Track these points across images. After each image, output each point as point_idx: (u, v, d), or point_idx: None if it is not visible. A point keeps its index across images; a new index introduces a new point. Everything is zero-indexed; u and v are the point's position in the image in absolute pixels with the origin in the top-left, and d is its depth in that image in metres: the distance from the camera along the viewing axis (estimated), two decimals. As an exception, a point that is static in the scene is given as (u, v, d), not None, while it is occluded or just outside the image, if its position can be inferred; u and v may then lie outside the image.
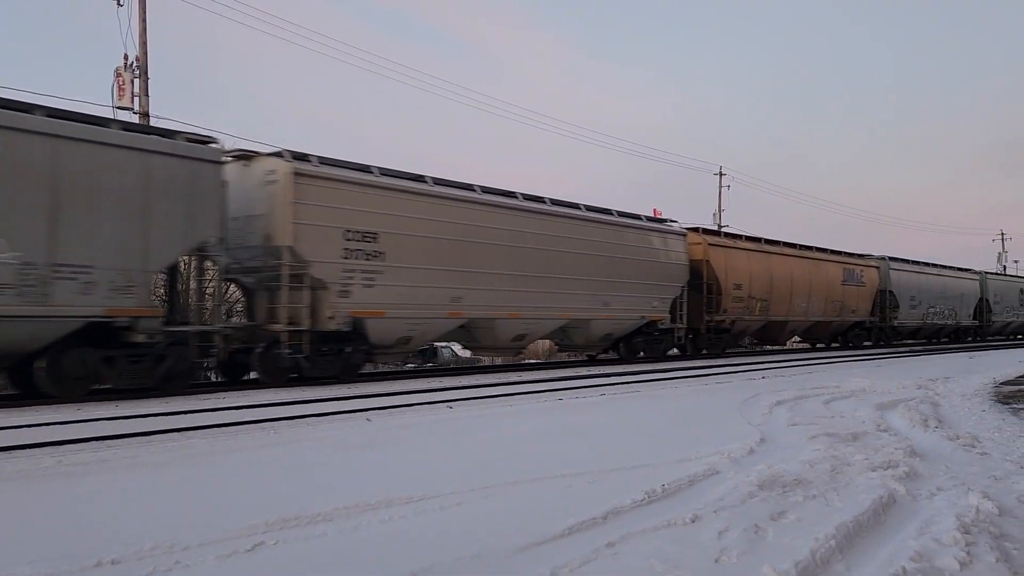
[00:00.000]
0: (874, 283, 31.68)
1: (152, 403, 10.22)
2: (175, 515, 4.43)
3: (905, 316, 33.65)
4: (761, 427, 8.12)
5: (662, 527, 4.23)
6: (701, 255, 22.72)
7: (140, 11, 19.72)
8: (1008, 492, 5.35)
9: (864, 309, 31.32)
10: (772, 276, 25.59)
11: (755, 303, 24.83)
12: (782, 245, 27.20)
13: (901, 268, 34.07)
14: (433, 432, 7.76)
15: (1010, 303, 44.07)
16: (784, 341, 30.38)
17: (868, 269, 31.62)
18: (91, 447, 6.79)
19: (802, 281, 27.12)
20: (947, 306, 36.88)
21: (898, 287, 33.08)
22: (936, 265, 37.32)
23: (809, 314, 27.77)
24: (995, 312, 41.93)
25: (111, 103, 19.01)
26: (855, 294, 30.47)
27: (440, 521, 4.39)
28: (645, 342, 21.16)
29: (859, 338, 32.19)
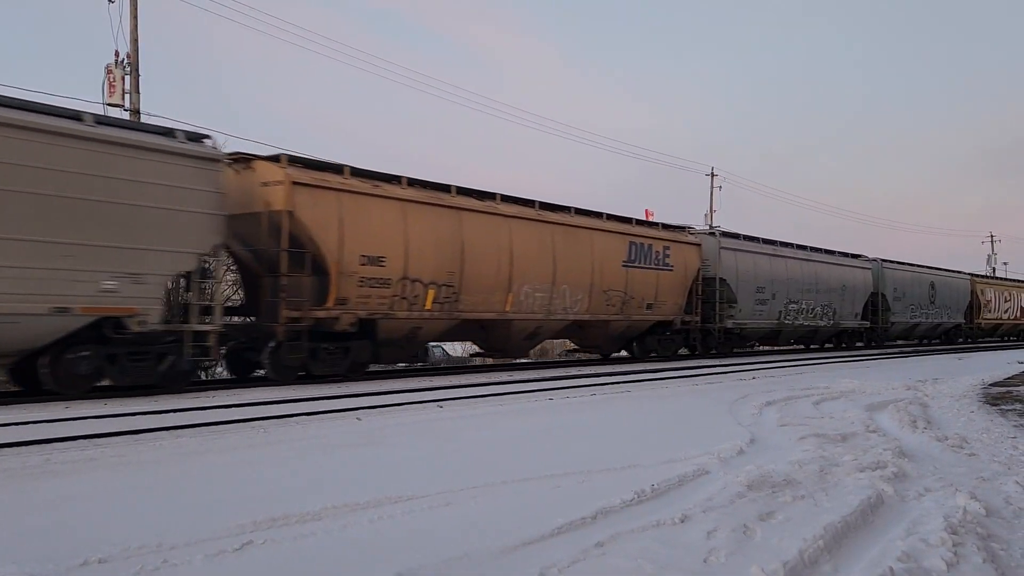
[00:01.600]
0: (690, 268, 21.74)
1: (141, 402, 10.17)
2: (163, 514, 4.41)
3: (747, 315, 23.88)
4: (751, 428, 8.14)
5: (651, 527, 4.23)
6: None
7: (131, 8, 19.62)
8: (996, 493, 5.38)
9: (672, 304, 21.01)
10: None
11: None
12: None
13: (739, 247, 24.14)
14: (423, 432, 7.75)
15: (915, 300, 34.16)
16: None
17: (680, 248, 21.35)
18: (79, 446, 6.75)
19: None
20: (819, 302, 27.49)
21: (734, 274, 23.53)
22: (799, 247, 27.69)
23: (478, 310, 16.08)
24: (894, 311, 32.37)
25: (101, 100, 18.93)
26: (653, 283, 20.21)
27: (429, 521, 4.38)
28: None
29: (664, 346, 21.60)
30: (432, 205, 14.76)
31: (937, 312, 36.12)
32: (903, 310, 33.21)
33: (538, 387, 12.77)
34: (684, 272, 21.52)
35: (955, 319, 38.30)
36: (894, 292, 32.36)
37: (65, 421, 8.24)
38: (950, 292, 37.49)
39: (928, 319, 35.34)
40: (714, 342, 23.12)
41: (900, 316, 32.96)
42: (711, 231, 24.36)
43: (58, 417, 8.51)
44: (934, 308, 35.76)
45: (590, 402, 10.70)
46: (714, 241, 23.46)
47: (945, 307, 36.92)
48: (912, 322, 34.22)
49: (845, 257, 30.27)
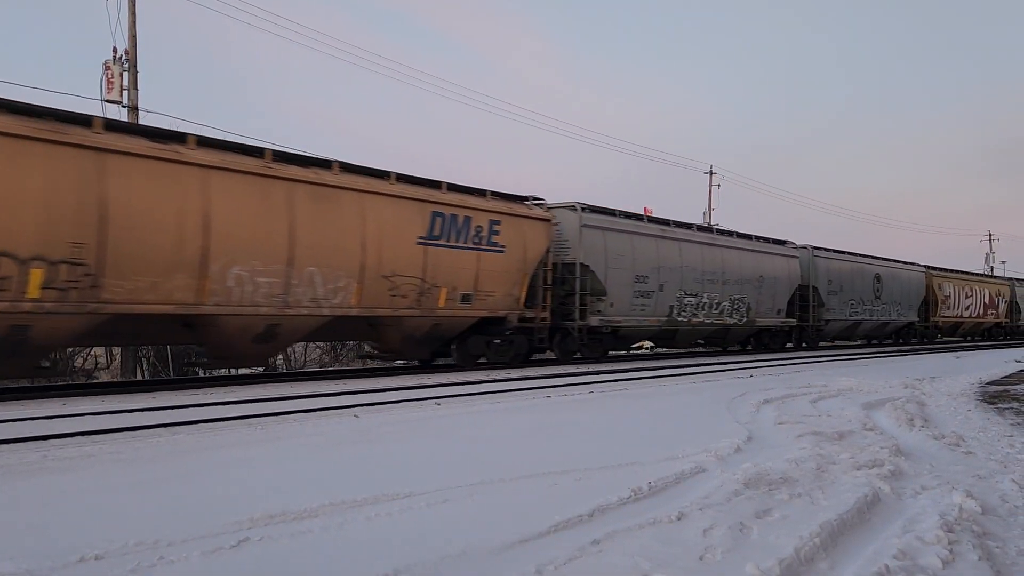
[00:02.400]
0: (532, 249, 16.66)
1: (138, 398, 10.18)
2: (159, 511, 4.41)
3: (621, 310, 19.11)
4: (748, 425, 8.15)
5: (648, 525, 4.24)
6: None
7: (130, 4, 19.60)
8: (992, 491, 5.39)
9: (503, 296, 16.09)
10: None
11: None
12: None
13: (609, 226, 19.06)
14: (421, 429, 7.75)
15: (856, 294, 29.87)
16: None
17: (517, 225, 16.30)
18: (76, 442, 6.74)
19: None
20: (728, 296, 22.81)
21: (602, 259, 18.63)
22: (701, 229, 23.17)
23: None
24: (830, 307, 28.06)
25: (99, 96, 18.92)
26: (472, 267, 15.36)
27: (426, 518, 4.39)
28: None
29: (499, 350, 16.68)
30: (46, 143, 9.74)
31: (884, 309, 31.98)
32: (840, 306, 28.87)
33: (536, 385, 12.77)
34: (523, 255, 16.35)
35: (907, 317, 34.07)
36: (829, 285, 28.06)
37: (63, 418, 8.23)
38: (900, 286, 33.27)
39: (873, 316, 31.10)
40: (574, 344, 18.36)
41: (837, 313, 28.58)
42: (571, 205, 18.54)
43: (56, 414, 8.51)
44: (880, 304, 31.64)
45: (588, 400, 10.70)
46: (573, 217, 18.33)
47: (894, 303, 32.75)
48: (852, 320, 29.77)
49: (764, 243, 25.25)
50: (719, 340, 25.19)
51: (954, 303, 38.48)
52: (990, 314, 42.68)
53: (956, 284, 38.94)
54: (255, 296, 11.94)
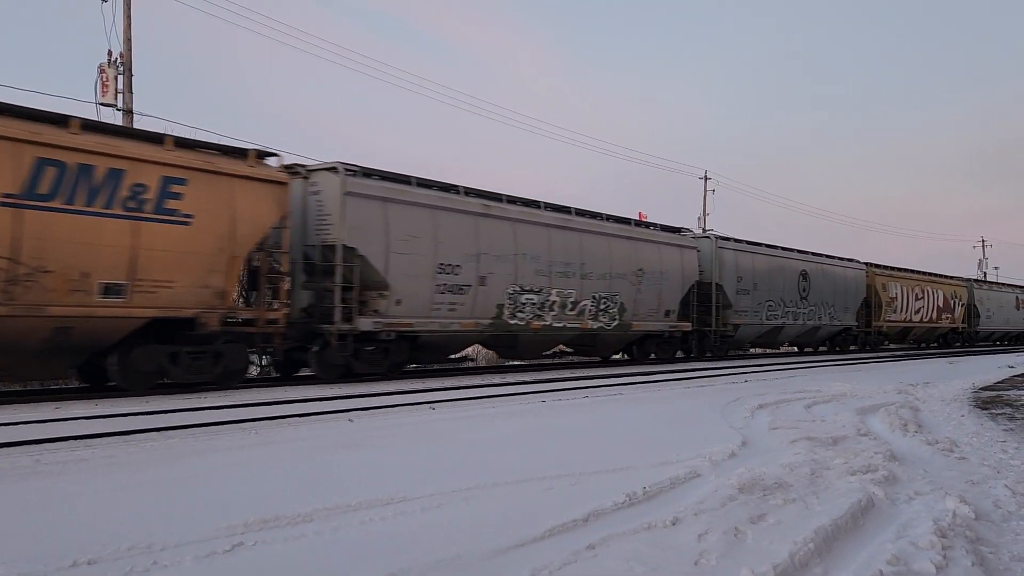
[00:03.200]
0: (246, 224, 12.16)
1: (132, 402, 10.14)
2: (153, 515, 4.39)
3: (415, 307, 14.61)
4: (743, 430, 8.16)
5: (642, 530, 4.24)
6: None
7: (125, 7, 19.59)
8: (985, 496, 5.41)
9: (191, 288, 11.58)
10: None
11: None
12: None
13: (392, 196, 14.37)
14: (415, 433, 7.74)
15: (775, 294, 25.55)
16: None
17: (216, 186, 11.68)
18: (69, 446, 6.72)
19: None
20: (592, 293, 18.62)
21: (380, 241, 14.12)
22: (552, 207, 18.11)
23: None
24: (739, 308, 23.79)
25: (95, 99, 18.90)
26: (116, 245, 10.67)
27: (421, 522, 4.38)
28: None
29: (201, 365, 11.95)
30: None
31: (814, 312, 27.85)
32: (754, 308, 24.51)
33: (531, 389, 12.77)
34: (229, 230, 11.86)
35: (842, 321, 29.89)
36: (738, 283, 23.75)
37: (56, 421, 8.20)
38: (834, 285, 29.19)
39: (798, 321, 26.93)
40: (335, 355, 13.76)
41: (750, 316, 24.25)
42: (332, 165, 13.89)
43: (48, 417, 8.47)
44: (808, 306, 27.45)
45: (583, 404, 10.70)
46: (334, 182, 13.62)
47: (825, 305, 28.58)
48: (771, 324, 25.53)
49: (647, 229, 20.85)
50: (583, 346, 21.10)
51: (902, 305, 33.78)
52: (944, 318, 38.34)
53: (904, 284, 34.36)
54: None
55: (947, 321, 38.73)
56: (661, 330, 21.49)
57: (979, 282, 44.09)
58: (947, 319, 38.72)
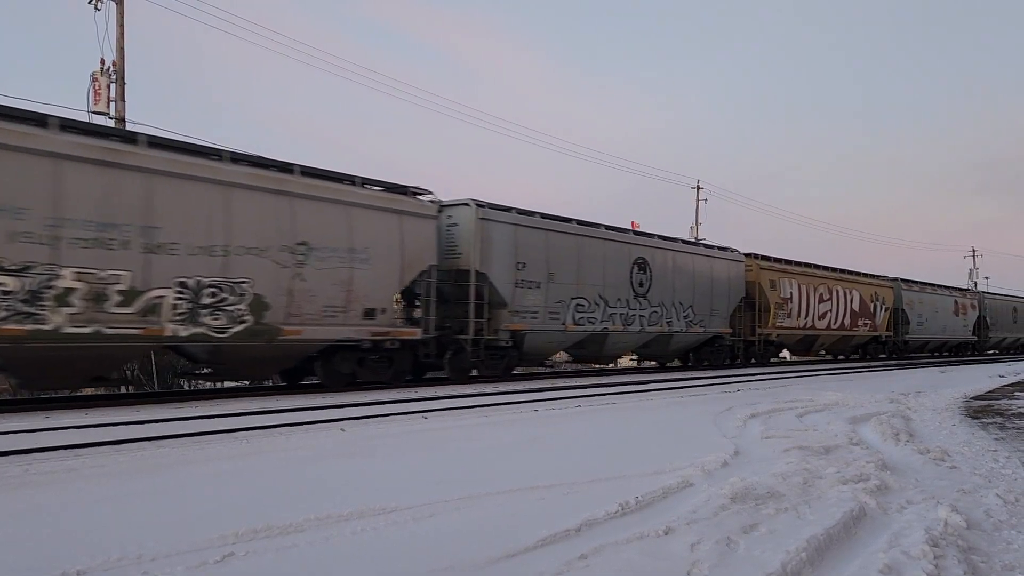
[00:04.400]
0: None
1: (123, 411, 10.09)
2: (143, 525, 4.36)
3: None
4: (735, 440, 8.16)
5: (635, 539, 4.23)
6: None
7: (118, 15, 19.59)
8: (976, 506, 5.42)
9: None
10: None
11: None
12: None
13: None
14: (407, 442, 7.72)
15: (596, 289, 19.11)
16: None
17: None
18: (59, 456, 6.68)
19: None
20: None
21: None
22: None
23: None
24: (520, 308, 17.09)
25: (87, 107, 18.87)
26: None
27: (412, 532, 4.36)
28: None
29: None
30: None
31: (657, 315, 20.81)
32: (548, 307, 17.63)
33: (524, 398, 12.76)
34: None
35: (707, 327, 22.94)
36: (519, 271, 16.81)
37: (46, 431, 8.15)
38: (693, 281, 22.33)
39: (631, 326, 19.84)
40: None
41: (541, 320, 17.36)
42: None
43: (39, 427, 8.42)
44: (649, 307, 20.52)
45: (576, 413, 10.69)
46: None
47: (678, 306, 21.67)
48: (580, 331, 18.40)
49: (343, 186, 13.82)
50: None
51: (799, 308, 27.19)
52: (862, 325, 31.64)
53: (803, 282, 27.62)
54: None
55: (866, 328, 31.99)
56: (347, 338, 15.34)
57: (908, 282, 36.50)
58: (865, 326, 31.90)
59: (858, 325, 31.37)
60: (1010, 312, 48.71)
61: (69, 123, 10.86)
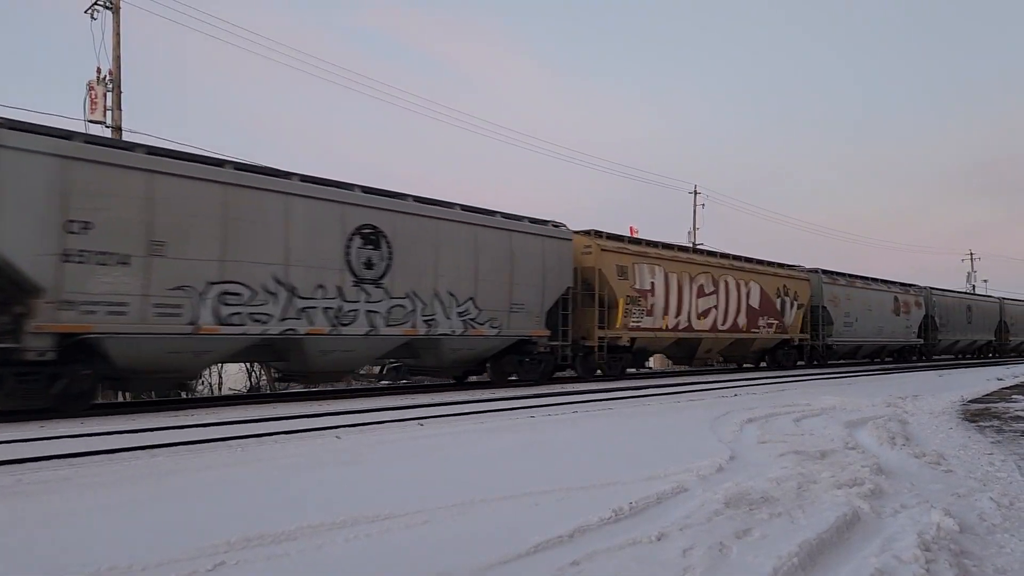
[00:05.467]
0: None
1: (118, 420, 10.07)
2: (135, 534, 4.36)
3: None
4: (731, 444, 8.15)
5: (627, 545, 4.23)
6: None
7: (114, 24, 19.64)
8: (970, 509, 5.41)
9: None
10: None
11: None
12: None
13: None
14: (402, 449, 7.71)
15: (322, 276, 13.33)
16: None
17: None
18: (52, 465, 6.67)
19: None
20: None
21: None
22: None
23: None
24: None
25: (83, 116, 18.90)
26: None
27: (406, 539, 4.36)
28: None
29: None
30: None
31: (403, 310, 14.81)
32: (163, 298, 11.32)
33: (520, 404, 12.75)
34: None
35: (507, 329, 17.13)
36: (73, 239, 10.34)
37: (40, 440, 8.14)
38: (475, 265, 16.36)
39: (344, 324, 13.70)
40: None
41: (133, 315, 10.94)
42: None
43: (33, 436, 8.41)
44: (382, 297, 14.43)
45: (571, 419, 10.68)
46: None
47: (445, 299, 15.69)
48: (238, 336, 12.31)
49: None
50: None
51: (666, 304, 21.46)
52: (766, 325, 25.93)
53: (672, 270, 21.80)
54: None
55: (770, 330, 26.23)
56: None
57: (832, 274, 30.81)
58: (770, 327, 26.17)
59: (759, 326, 25.66)
60: (963, 311, 42.49)
61: None
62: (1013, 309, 49.27)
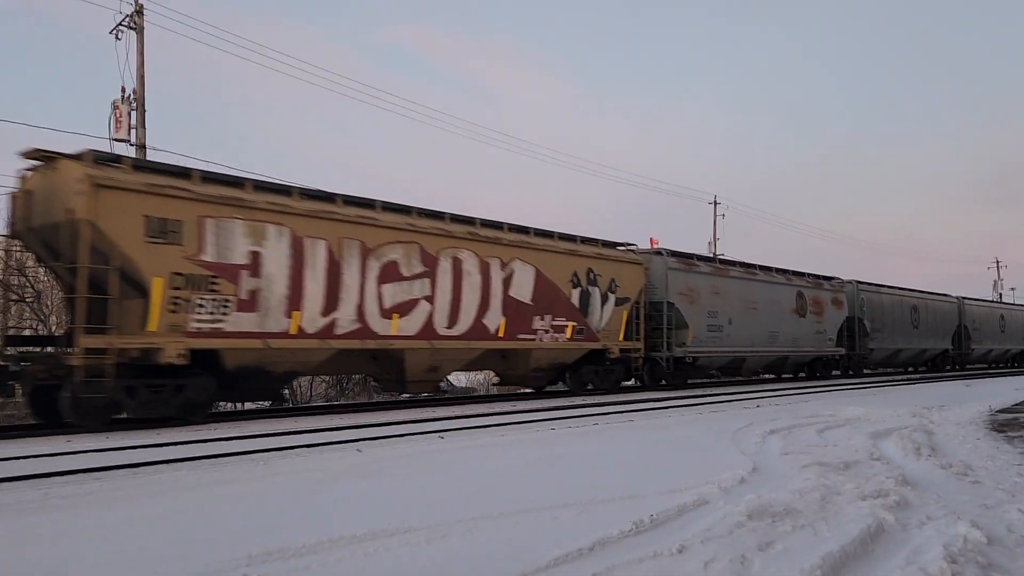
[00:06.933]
0: None
1: (142, 435, 10.17)
2: (158, 548, 4.39)
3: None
4: (754, 456, 8.08)
5: (648, 558, 4.20)
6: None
7: (138, 44, 19.95)
8: (998, 521, 5.32)
9: None
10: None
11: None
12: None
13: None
14: (423, 463, 7.71)
15: None
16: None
17: None
18: (77, 479, 6.74)
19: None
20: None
21: None
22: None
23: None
24: None
25: (108, 135, 19.18)
26: None
27: (425, 553, 4.35)
28: None
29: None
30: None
31: None
32: None
33: (541, 417, 12.72)
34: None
35: None
36: None
37: (65, 455, 8.23)
38: None
39: None
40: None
41: None
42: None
43: (59, 451, 8.50)
44: None
45: (593, 432, 10.64)
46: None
47: None
48: None
49: None
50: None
51: (314, 292, 12.69)
52: (548, 329, 16.97)
53: (327, 233, 12.82)
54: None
55: (563, 336, 17.42)
56: None
57: (682, 257, 21.92)
58: (560, 331, 17.32)
59: (533, 330, 16.43)
60: (908, 312, 32.78)
61: None
62: (973, 311, 39.69)
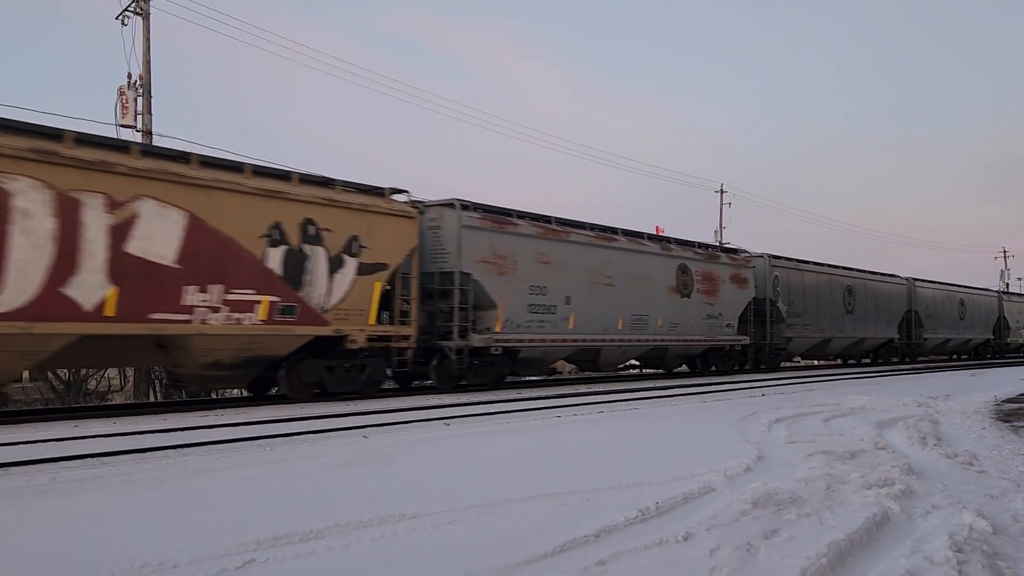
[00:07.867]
0: None
1: (150, 419, 10.23)
2: (166, 532, 4.42)
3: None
4: (759, 445, 8.09)
5: (653, 545, 4.21)
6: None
7: (144, 30, 19.91)
8: (1004, 510, 5.32)
9: None
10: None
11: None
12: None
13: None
14: (429, 449, 7.75)
15: None
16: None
17: None
18: (86, 464, 6.78)
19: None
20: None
21: None
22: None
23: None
24: None
25: (114, 121, 19.18)
26: None
27: (431, 539, 4.38)
28: None
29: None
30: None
31: None
32: None
33: (546, 404, 12.74)
34: None
35: None
36: None
37: (74, 440, 8.28)
38: None
39: None
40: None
41: None
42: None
43: (67, 435, 8.56)
44: None
45: (598, 419, 10.66)
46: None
47: None
48: None
49: None
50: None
51: None
52: (214, 307, 11.22)
53: None
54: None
55: (258, 319, 11.90)
56: None
57: (494, 213, 16.22)
58: (249, 309, 11.78)
59: (184, 306, 11.09)
60: (840, 294, 27.96)
61: None
62: (926, 294, 34.53)
